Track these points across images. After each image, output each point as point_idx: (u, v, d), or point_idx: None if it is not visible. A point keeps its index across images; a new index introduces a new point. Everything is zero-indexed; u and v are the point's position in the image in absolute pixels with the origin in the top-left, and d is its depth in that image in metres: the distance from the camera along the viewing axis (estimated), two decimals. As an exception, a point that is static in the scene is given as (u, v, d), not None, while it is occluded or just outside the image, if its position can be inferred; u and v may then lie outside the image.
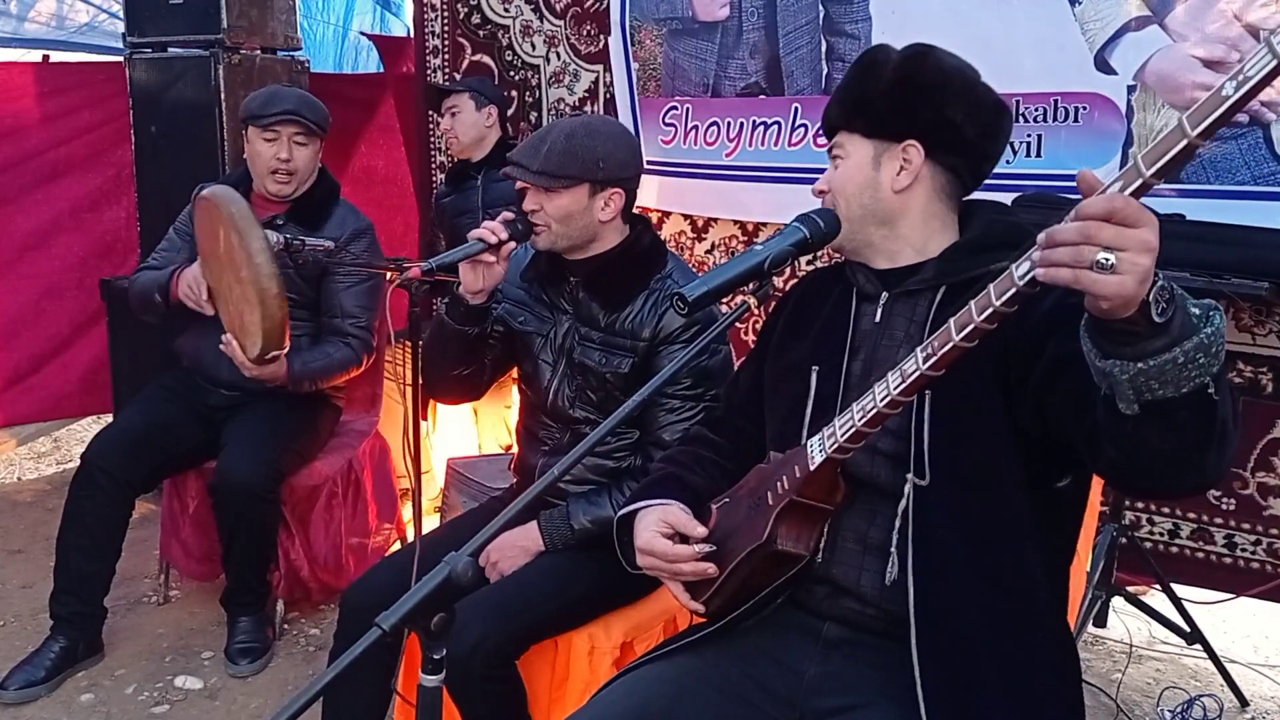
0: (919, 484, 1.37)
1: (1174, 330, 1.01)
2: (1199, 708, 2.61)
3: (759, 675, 1.48)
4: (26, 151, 4.16)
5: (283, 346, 2.56)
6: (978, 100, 1.50)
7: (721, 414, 1.79)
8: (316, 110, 2.92)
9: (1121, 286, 0.98)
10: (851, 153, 1.52)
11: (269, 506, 2.78)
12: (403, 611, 1.06)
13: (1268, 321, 2.63)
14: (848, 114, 1.53)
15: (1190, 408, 1.03)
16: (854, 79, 1.55)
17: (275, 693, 2.71)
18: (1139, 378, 1.02)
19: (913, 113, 1.48)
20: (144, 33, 3.70)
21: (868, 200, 1.49)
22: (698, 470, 1.67)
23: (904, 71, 1.49)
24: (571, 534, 2.01)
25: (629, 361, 2.02)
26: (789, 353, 1.61)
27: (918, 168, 1.48)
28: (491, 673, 1.84)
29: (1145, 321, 1.01)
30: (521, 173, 1.99)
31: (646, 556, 1.53)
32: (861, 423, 1.29)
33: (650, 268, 2.07)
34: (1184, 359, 1.00)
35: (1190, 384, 1.02)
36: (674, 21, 3.56)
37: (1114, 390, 1.05)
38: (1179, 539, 2.84)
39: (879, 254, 1.52)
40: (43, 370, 4.31)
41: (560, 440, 2.13)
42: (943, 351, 1.19)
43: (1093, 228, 0.99)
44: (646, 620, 2.06)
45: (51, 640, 2.74)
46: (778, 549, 1.39)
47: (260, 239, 2.44)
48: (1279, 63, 0.90)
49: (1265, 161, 2.50)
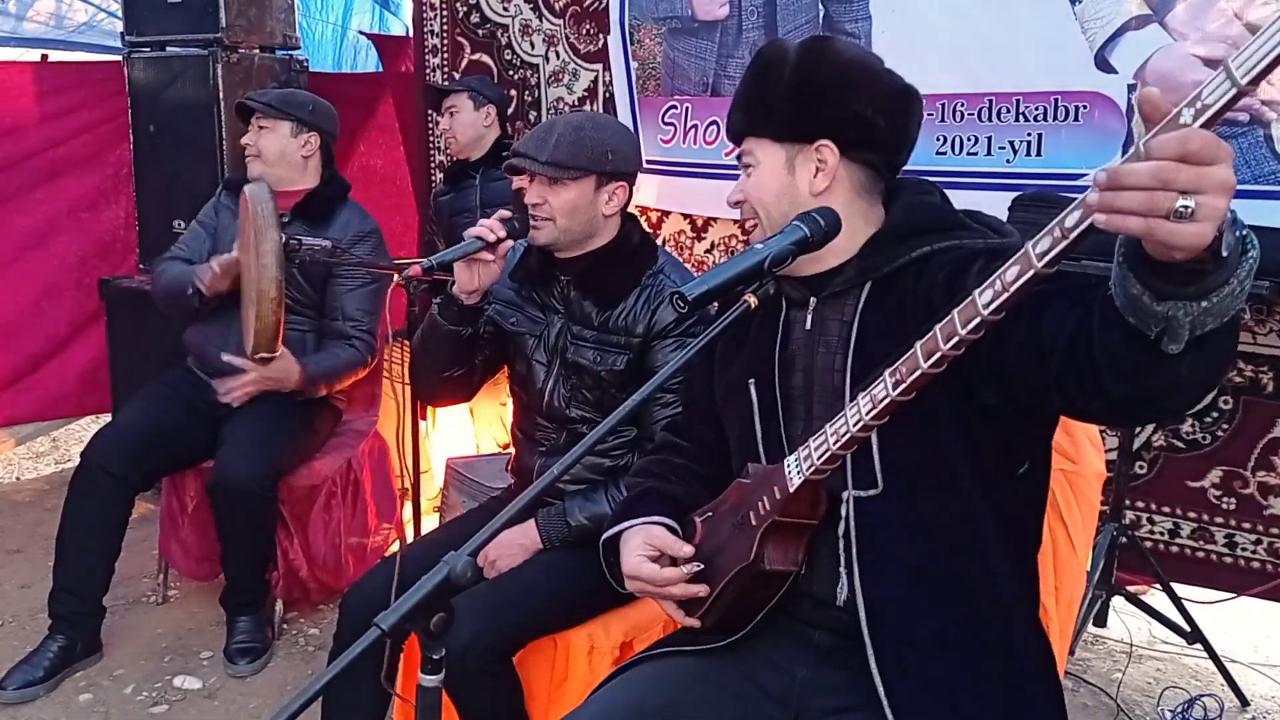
0: (866, 495, 1.35)
1: (1229, 262, 0.91)
2: (1199, 707, 2.61)
3: (754, 675, 1.48)
4: (25, 151, 4.15)
5: (274, 350, 2.60)
6: (883, 89, 1.45)
7: (684, 421, 1.77)
8: (286, 100, 2.96)
9: (1201, 235, 0.87)
10: (763, 159, 1.47)
11: (266, 506, 2.77)
12: (402, 611, 1.06)
13: (1268, 320, 2.63)
14: (751, 120, 1.48)
15: (1224, 333, 0.97)
16: (751, 82, 1.49)
17: (274, 693, 2.71)
18: (1203, 316, 0.93)
19: (819, 112, 1.43)
20: (142, 32, 3.70)
21: (787, 207, 1.44)
22: (673, 479, 1.66)
23: (803, 70, 1.43)
24: (569, 531, 2.01)
25: (624, 358, 2.02)
26: (730, 368, 1.59)
27: (834, 168, 1.44)
28: (487, 669, 1.83)
29: (1214, 259, 0.90)
30: (530, 163, 1.98)
31: (634, 581, 1.52)
32: (836, 446, 1.27)
33: (642, 264, 2.07)
34: (1239, 289, 0.92)
35: (1233, 312, 0.94)
36: (673, 20, 3.55)
37: (1168, 331, 0.95)
38: (1179, 538, 2.83)
39: (806, 261, 1.43)
40: (41, 370, 4.30)
41: (557, 441, 2.12)
42: (912, 378, 1.15)
43: (1170, 170, 0.86)
44: (646, 620, 2.06)
45: (50, 639, 2.73)
46: (765, 569, 1.39)
47: (272, 241, 2.46)
48: (1237, 91, 0.85)
49: (1266, 160, 2.50)
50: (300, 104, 2.98)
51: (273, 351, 2.59)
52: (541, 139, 1.99)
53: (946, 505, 1.33)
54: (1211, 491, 2.76)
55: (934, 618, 1.33)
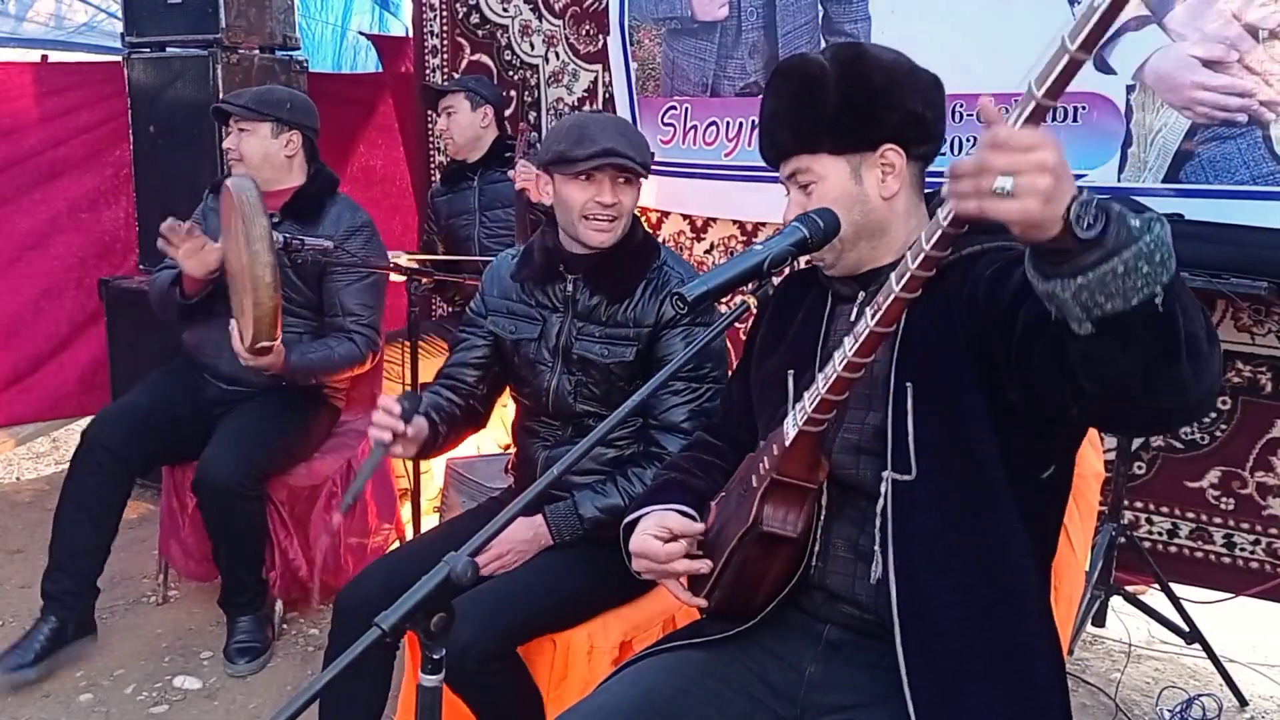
0: (902, 479, 1.37)
1: (1109, 242, 1.01)
2: (1198, 707, 2.61)
3: (761, 670, 1.48)
4: (25, 151, 4.15)
5: (273, 338, 2.54)
6: (923, 83, 1.47)
7: (719, 421, 1.79)
8: (260, 99, 2.90)
9: (1024, 210, 1.01)
10: (825, 173, 1.46)
11: (251, 505, 2.76)
12: (402, 611, 1.06)
13: (1266, 321, 2.63)
14: (804, 139, 1.47)
15: (1143, 321, 1.03)
16: (792, 100, 1.48)
17: (274, 693, 2.71)
18: (1081, 293, 1.03)
19: (880, 118, 1.44)
20: (142, 32, 3.70)
21: (858, 216, 1.45)
22: (700, 474, 1.67)
23: (851, 80, 1.44)
24: (581, 525, 2.01)
25: (633, 349, 2.05)
26: (768, 360, 1.61)
27: (902, 170, 1.46)
28: (487, 667, 1.83)
29: (1072, 238, 1.02)
30: (629, 163, 1.99)
31: (640, 559, 1.53)
32: (825, 390, 1.31)
33: (648, 258, 2.11)
34: (1124, 269, 1.01)
35: (1139, 295, 1.01)
36: (673, 21, 3.56)
37: (1063, 312, 1.06)
38: (1178, 538, 2.84)
39: (864, 265, 1.49)
40: (41, 370, 4.30)
41: (564, 435, 2.14)
42: (887, 305, 1.23)
43: (987, 156, 1.02)
44: (645, 620, 2.06)
45: (41, 621, 2.73)
46: (764, 530, 1.40)
47: (261, 227, 2.44)
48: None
49: (1264, 161, 2.50)
50: (277, 102, 2.91)
51: (273, 339, 2.54)
52: (622, 134, 2.01)
53: (976, 495, 1.35)
54: (1210, 492, 2.77)
55: (957, 607, 1.35)
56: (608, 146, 1.97)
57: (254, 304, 2.46)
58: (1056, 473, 1.42)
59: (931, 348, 1.34)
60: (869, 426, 1.41)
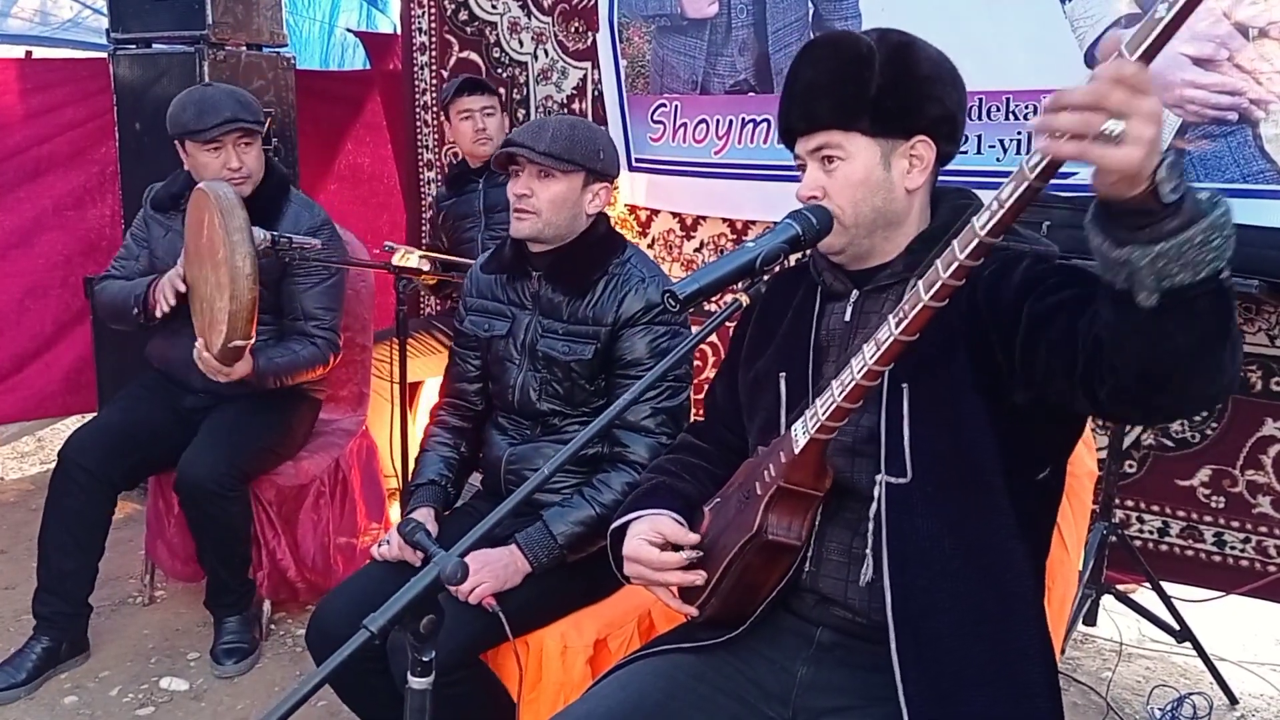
0: (896, 482, 1.36)
1: (1186, 210, 0.99)
2: (1189, 706, 2.61)
3: (753, 673, 1.47)
4: (9, 148, 4.11)
5: (249, 337, 2.48)
6: (961, 83, 1.46)
7: (705, 423, 1.77)
8: (251, 107, 2.81)
9: (1129, 158, 0.96)
10: (854, 153, 1.41)
11: (232, 505, 2.72)
12: (391, 613, 1.05)
13: (1257, 320, 2.63)
14: (844, 114, 1.41)
15: (1208, 295, 1.02)
16: (836, 74, 1.42)
17: (261, 694, 2.69)
18: (1159, 260, 0.99)
19: (922, 109, 1.41)
20: (128, 29, 3.66)
21: (879, 203, 1.42)
22: (687, 478, 1.65)
23: (900, 65, 1.40)
24: (556, 544, 1.95)
25: (592, 348, 2.05)
26: (758, 361, 1.59)
27: (929, 164, 1.43)
28: (450, 678, 1.74)
29: (1157, 200, 0.99)
30: (526, 152, 2.00)
31: (633, 564, 1.51)
32: (841, 398, 1.28)
33: (608, 253, 2.10)
34: (1200, 239, 0.99)
35: (1207, 268, 1.00)
36: (662, 18, 3.54)
37: (1132, 281, 1.02)
38: (1168, 537, 2.84)
39: (871, 256, 1.46)
40: (26, 369, 4.26)
41: (531, 433, 2.14)
42: (914, 313, 1.20)
43: (1107, 90, 0.96)
44: (619, 616, 2.03)
45: (34, 640, 2.71)
46: (768, 539, 1.38)
47: (242, 219, 2.40)
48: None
49: (1254, 159, 2.50)
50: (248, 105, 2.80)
51: (248, 339, 2.48)
52: (536, 131, 2.03)
53: (973, 498, 1.34)
54: (1200, 490, 2.77)
55: (952, 611, 1.34)
56: (512, 136, 2.05)
57: (231, 297, 2.40)
58: (1051, 474, 1.42)
59: (929, 350, 1.31)
60: (862, 428, 1.40)
